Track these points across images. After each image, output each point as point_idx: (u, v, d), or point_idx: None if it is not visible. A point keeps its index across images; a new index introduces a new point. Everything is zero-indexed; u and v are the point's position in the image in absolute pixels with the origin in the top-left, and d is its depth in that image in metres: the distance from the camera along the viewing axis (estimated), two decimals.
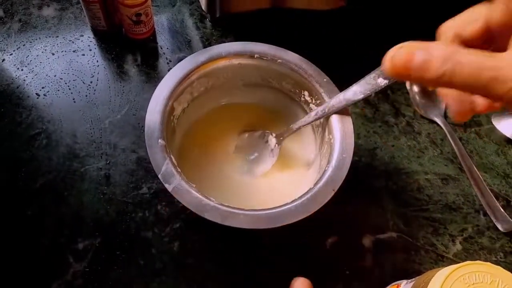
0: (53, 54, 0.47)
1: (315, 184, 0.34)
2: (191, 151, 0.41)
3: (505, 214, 0.42)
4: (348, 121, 0.36)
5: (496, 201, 0.42)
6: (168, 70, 0.38)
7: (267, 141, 0.41)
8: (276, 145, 0.40)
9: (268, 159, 0.40)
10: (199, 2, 0.51)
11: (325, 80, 0.38)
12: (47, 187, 0.40)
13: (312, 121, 0.37)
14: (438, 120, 0.46)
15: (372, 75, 0.34)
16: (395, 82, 0.35)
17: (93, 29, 0.49)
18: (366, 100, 0.47)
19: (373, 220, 0.42)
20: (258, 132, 0.41)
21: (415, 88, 0.47)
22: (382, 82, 0.33)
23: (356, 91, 0.35)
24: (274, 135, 0.40)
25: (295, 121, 0.39)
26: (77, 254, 0.37)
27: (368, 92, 0.34)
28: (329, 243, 0.40)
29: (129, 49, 0.49)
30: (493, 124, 0.47)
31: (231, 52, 0.39)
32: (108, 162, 0.42)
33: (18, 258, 0.37)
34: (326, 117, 0.37)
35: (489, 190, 0.43)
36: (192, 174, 0.36)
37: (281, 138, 0.40)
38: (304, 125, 0.38)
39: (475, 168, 0.44)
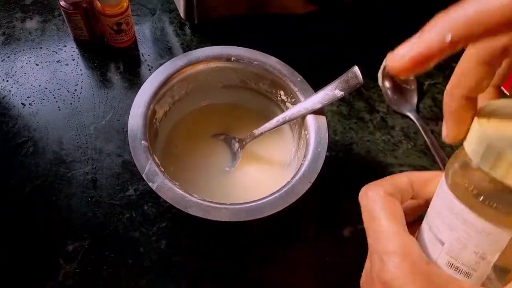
0: (37, 64, 0.49)
1: (293, 177, 0.36)
2: (174, 152, 0.42)
3: None
4: (322, 118, 0.38)
5: None
6: (149, 76, 0.40)
7: (230, 145, 0.43)
8: (239, 149, 0.42)
9: (232, 162, 0.42)
10: (178, 10, 0.52)
11: (298, 79, 0.40)
12: (35, 192, 0.41)
13: (274, 128, 0.39)
14: (410, 115, 0.49)
15: (330, 87, 0.36)
16: (364, 83, 0.37)
17: (76, 40, 0.50)
18: (341, 98, 0.49)
19: (352, 211, 0.43)
20: (222, 137, 0.43)
21: (387, 84, 0.50)
22: (338, 93, 0.36)
23: (315, 101, 0.37)
24: (237, 139, 0.42)
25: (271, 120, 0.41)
26: (67, 256, 0.38)
27: (326, 102, 0.37)
28: (311, 234, 0.42)
29: (112, 58, 0.50)
30: None
31: (209, 56, 0.41)
32: (94, 166, 0.43)
33: (9, 261, 0.38)
34: (302, 116, 0.39)
35: None
36: (175, 173, 0.38)
37: (244, 143, 0.42)
38: (266, 131, 0.40)
39: (448, 159, 0.46)
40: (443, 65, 0.53)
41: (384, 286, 0.21)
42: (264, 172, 0.43)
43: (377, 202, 0.23)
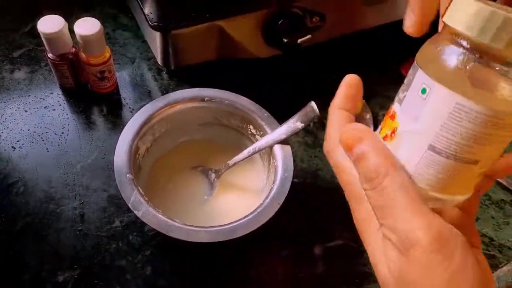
0: (26, 111, 0.53)
1: (264, 200, 0.40)
2: (156, 183, 0.46)
3: None
4: (287, 147, 0.43)
5: None
6: (131, 118, 0.44)
7: (207, 176, 0.47)
8: (215, 179, 0.47)
9: (210, 191, 0.47)
10: (155, 58, 0.58)
11: (265, 114, 0.45)
12: (26, 228, 0.44)
13: (246, 158, 0.44)
14: None
15: (292, 120, 0.42)
16: (325, 115, 0.43)
17: (62, 87, 0.55)
18: (306, 130, 0.55)
19: (322, 230, 0.48)
20: (200, 168, 0.48)
21: None
22: (299, 125, 0.41)
23: (281, 132, 0.42)
24: (213, 170, 0.47)
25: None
26: (58, 286, 0.41)
27: (289, 133, 0.42)
28: (284, 254, 0.46)
29: (95, 102, 0.55)
30: None
31: (185, 98, 0.46)
32: (81, 202, 0.47)
33: None
34: (270, 147, 0.44)
35: None
36: (158, 203, 0.42)
37: (220, 173, 0.46)
38: (238, 161, 0.45)
39: None
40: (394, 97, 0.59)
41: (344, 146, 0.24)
42: (239, 198, 0.47)
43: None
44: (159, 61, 0.56)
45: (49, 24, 0.47)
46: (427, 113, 0.22)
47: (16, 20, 0.61)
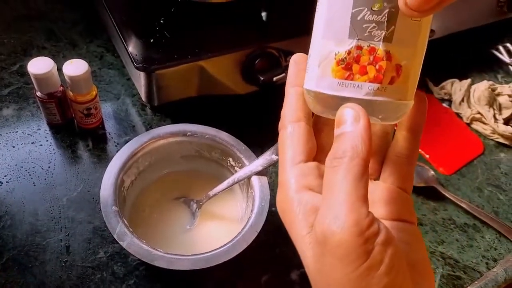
0: (13, 146, 0.55)
1: (242, 228, 0.43)
2: (140, 214, 0.49)
3: None
4: (264, 178, 0.46)
5: None
6: (117, 152, 0.47)
7: (189, 206, 0.50)
8: (197, 209, 0.49)
9: (192, 221, 0.49)
10: (139, 94, 0.61)
11: (243, 147, 0.49)
12: (12, 261, 0.46)
13: (226, 188, 0.47)
14: None
15: (268, 152, 0.45)
16: None
17: (49, 123, 0.57)
18: None
19: (298, 256, 0.50)
20: (182, 199, 0.50)
21: None
22: (275, 157, 0.44)
23: (257, 164, 0.46)
24: (195, 201, 0.49)
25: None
26: None
27: (266, 165, 0.45)
28: (263, 280, 0.48)
29: (81, 137, 0.57)
30: None
31: (168, 133, 0.49)
32: (67, 234, 0.48)
33: None
34: (248, 178, 0.47)
35: None
36: (142, 233, 0.44)
37: (201, 203, 0.49)
38: (219, 192, 0.47)
39: None
40: None
41: None
42: (220, 227, 0.49)
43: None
44: (143, 97, 0.59)
45: (39, 65, 0.50)
46: None
47: (5, 59, 0.64)
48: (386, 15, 0.23)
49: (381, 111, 0.24)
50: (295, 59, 0.29)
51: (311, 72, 0.26)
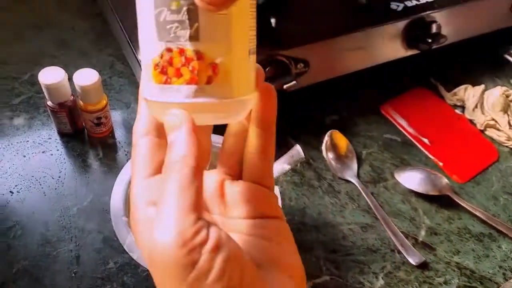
0: (24, 156, 0.55)
1: None
2: None
3: (415, 250, 0.52)
4: (275, 187, 0.46)
5: (406, 240, 0.52)
6: (126, 161, 0.47)
7: None
8: None
9: None
10: None
11: None
12: (23, 272, 0.46)
13: None
14: (352, 180, 0.57)
15: (279, 162, 0.44)
16: (311, 155, 0.46)
17: (59, 132, 0.57)
18: (293, 170, 0.58)
19: (309, 267, 0.50)
20: None
21: (330, 155, 0.59)
22: (286, 167, 0.44)
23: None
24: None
25: None
26: None
27: (277, 174, 0.44)
28: None
29: (91, 146, 0.57)
30: (396, 179, 0.58)
31: None
32: (77, 244, 0.48)
33: None
34: None
35: (400, 232, 0.53)
36: None
37: None
38: None
39: (387, 216, 0.54)
40: (376, 137, 0.63)
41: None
42: None
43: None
44: None
45: (50, 75, 0.50)
46: None
47: (16, 69, 0.65)
48: (186, 13, 0.21)
49: (211, 112, 0.23)
50: None
51: (142, 79, 0.25)
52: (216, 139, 0.45)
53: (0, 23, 0.71)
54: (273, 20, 0.60)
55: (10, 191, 0.52)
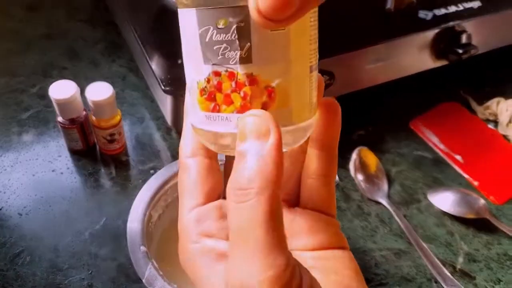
0: (33, 175, 0.51)
1: None
2: (168, 251, 0.45)
3: (453, 279, 0.48)
4: None
5: (444, 268, 0.48)
6: (140, 180, 0.43)
7: None
8: None
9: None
10: (165, 117, 0.58)
11: None
12: None
13: None
14: (383, 201, 0.53)
15: None
16: (338, 175, 0.42)
17: (70, 150, 0.54)
18: None
19: None
20: None
21: (359, 176, 0.55)
22: None
23: None
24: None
25: None
26: None
27: None
28: None
29: (104, 164, 0.54)
30: (429, 200, 0.54)
31: None
32: (90, 272, 0.45)
33: None
34: None
35: (436, 259, 0.49)
36: (172, 273, 0.40)
37: None
38: None
39: (421, 241, 0.50)
40: (406, 154, 0.59)
41: None
42: None
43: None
44: (169, 121, 0.55)
45: (61, 89, 0.47)
46: None
47: (24, 81, 0.61)
48: (235, 32, 0.18)
49: None
50: None
51: (187, 100, 0.22)
52: None
53: (9, 33, 0.68)
54: None
55: (19, 213, 0.48)
